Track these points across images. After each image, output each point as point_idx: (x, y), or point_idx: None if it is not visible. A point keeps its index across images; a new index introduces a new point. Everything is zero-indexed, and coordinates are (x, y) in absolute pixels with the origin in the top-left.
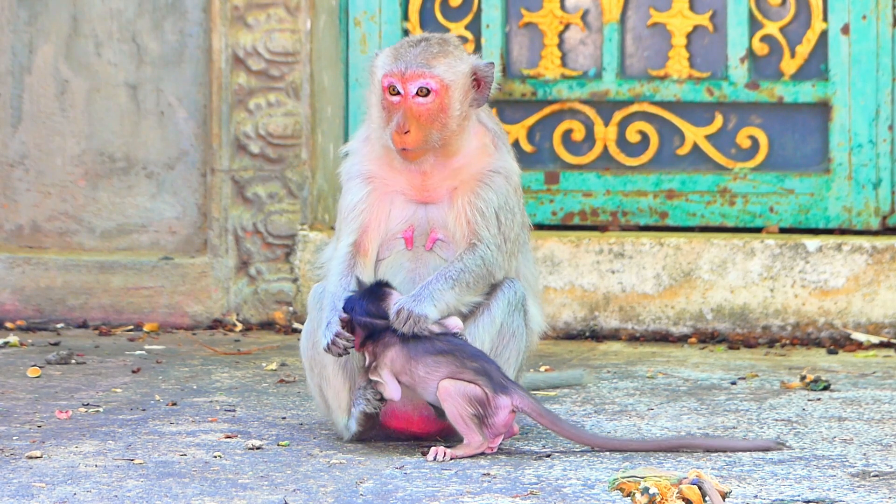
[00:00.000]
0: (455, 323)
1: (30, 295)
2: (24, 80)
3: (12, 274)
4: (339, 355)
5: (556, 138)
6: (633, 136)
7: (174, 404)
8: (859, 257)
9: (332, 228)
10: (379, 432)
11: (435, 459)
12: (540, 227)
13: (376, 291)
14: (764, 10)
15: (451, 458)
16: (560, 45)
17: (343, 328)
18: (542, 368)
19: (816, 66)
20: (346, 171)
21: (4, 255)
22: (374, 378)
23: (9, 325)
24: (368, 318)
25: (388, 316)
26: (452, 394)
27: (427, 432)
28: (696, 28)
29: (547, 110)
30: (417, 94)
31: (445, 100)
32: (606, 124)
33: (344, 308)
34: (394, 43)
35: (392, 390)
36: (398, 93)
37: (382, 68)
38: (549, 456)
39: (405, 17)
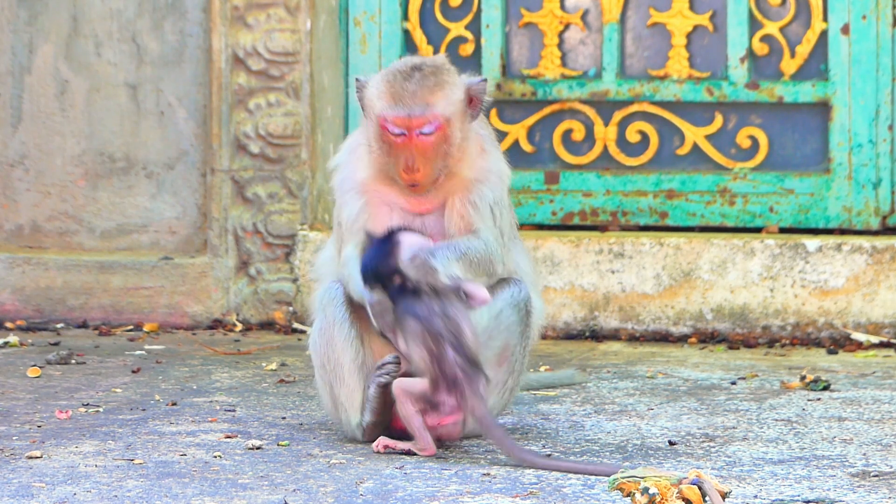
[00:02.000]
0: (481, 294)
1: (30, 295)
2: (24, 80)
3: (12, 274)
4: (381, 318)
5: (556, 138)
6: (633, 136)
7: (174, 404)
8: (859, 257)
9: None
10: (390, 433)
11: (377, 452)
12: (540, 227)
13: (388, 242)
14: (764, 10)
15: (387, 448)
16: (560, 45)
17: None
18: (542, 368)
19: (816, 66)
20: (339, 185)
21: (4, 255)
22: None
23: (9, 325)
24: (379, 268)
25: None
26: (400, 395)
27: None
28: (696, 28)
29: (547, 110)
30: (421, 133)
31: (448, 131)
32: (606, 124)
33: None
34: (394, 43)
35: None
36: (401, 134)
37: (380, 108)
38: (549, 456)
39: (405, 17)
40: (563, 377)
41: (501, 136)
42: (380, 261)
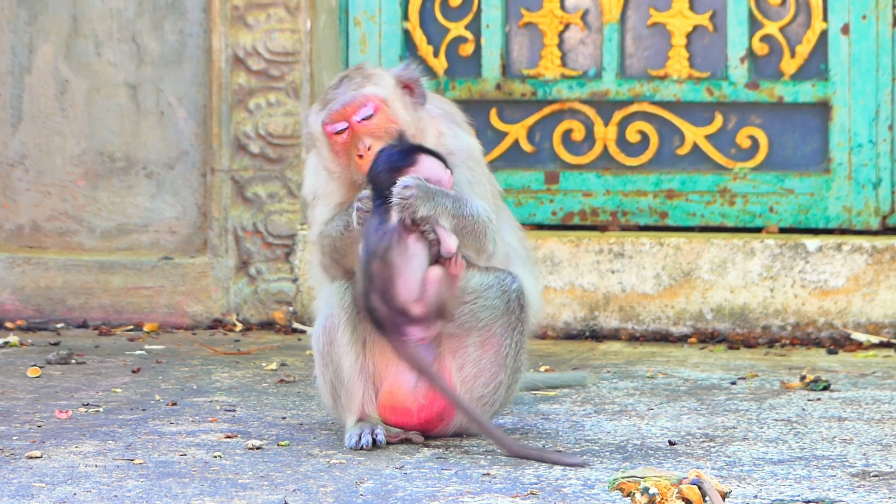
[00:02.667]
0: (449, 242)
1: (30, 295)
2: (24, 80)
3: (12, 274)
4: (361, 221)
5: (556, 138)
6: (632, 136)
7: (174, 404)
8: (859, 257)
9: None
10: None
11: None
12: (540, 226)
13: (407, 156)
14: (764, 10)
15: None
16: (560, 45)
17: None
18: (542, 368)
19: (816, 66)
20: (310, 200)
21: (4, 255)
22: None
23: (9, 325)
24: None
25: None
26: None
27: (429, 426)
28: (696, 28)
29: (547, 110)
30: (363, 120)
31: (389, 112)
32: (606, 124)
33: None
34: (394, 43)
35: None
36: (344, 129)
37: (319, 119)
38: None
39: (405, 17)
40: (573, 378)
41: (501, 136)
42: (388, 166)
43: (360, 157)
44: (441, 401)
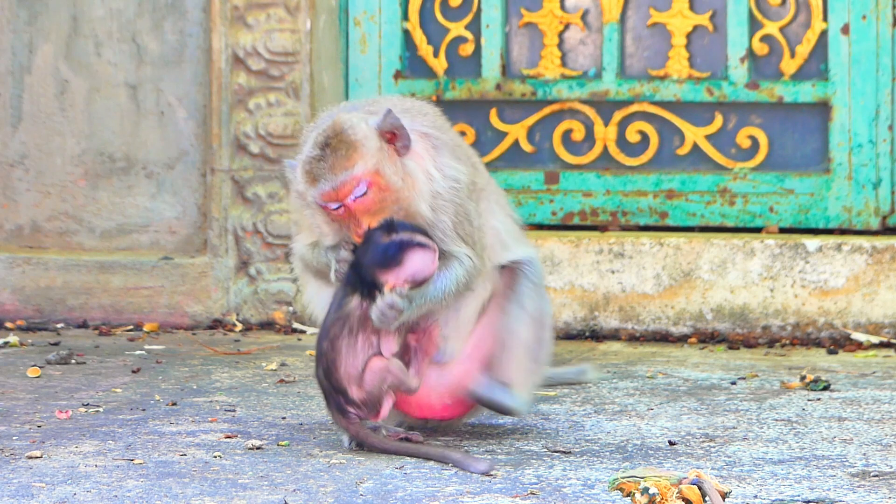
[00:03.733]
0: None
1: (30, 295)
2: (24, 80)
3: (12, 274)
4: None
5: (555, 138)
6: (632, 136)
7: (174, 404)
8: (859, 257)
9: None
10: (399, 420)
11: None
12: (540, 227)
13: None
14: (764, 10)
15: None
16: (560, 45)
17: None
18: None
19: (816, 66)
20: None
21: (4, 255)
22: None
23: (9, 325)
24: (369, 267)
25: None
26: None
27: (449, 417)
28: (696, 28)
29: (547, 110)
30: (357, 198)
31: (381, 181)
32: (606, 124)
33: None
34: (394, 43)
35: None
36: (339, 207)
37: (310, 193)
38: (549, 456)
39: (405, 17)
40: (575, 373)
41: (501, 136)
42: (374, 264)
43: (357, 235)
44: (461, 394)
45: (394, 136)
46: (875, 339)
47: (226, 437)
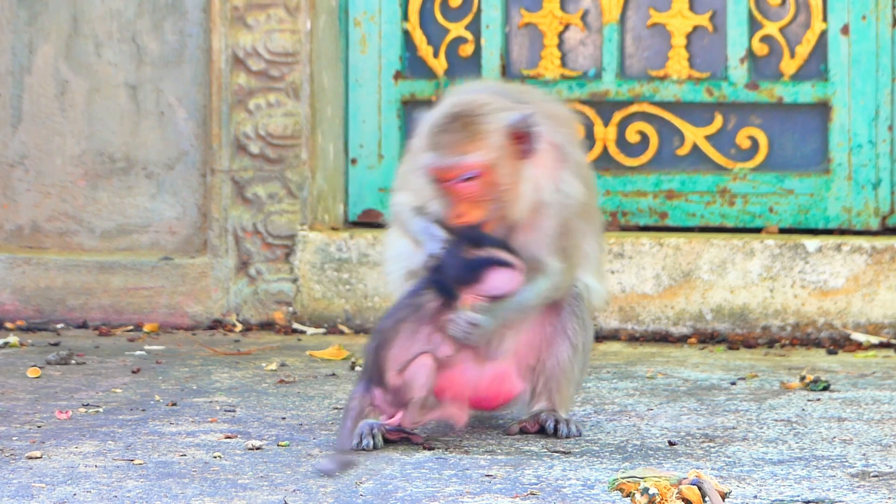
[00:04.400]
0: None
1: (30, 295)
2: (24, 80)
3: (12, 274)
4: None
5: None
6: (632, 136)
7: (174, 404)
8: (859, 257)
9: (333, 229)
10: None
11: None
12: None
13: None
14: (764, 10)
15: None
16: (560, 46)
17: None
18: None
19: (816, 67)
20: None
21: (4, 255)
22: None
23: (9, 325)
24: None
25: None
26: None
27: (487, 408)
28: (695, 28)
29: None
30: (463, 181)
31: (491, 176)
32: (606, 124)
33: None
34: (394, 44)
35: None
36: (444, 181)
37: (423, 157)
38: (549, 456)
39: (405, 17)
40: None
41: None
42: (456, 279)
43: (451, 215)
44: (500, 384)
45: (522, 138)
46: (875, 340)
47: (226, 438)
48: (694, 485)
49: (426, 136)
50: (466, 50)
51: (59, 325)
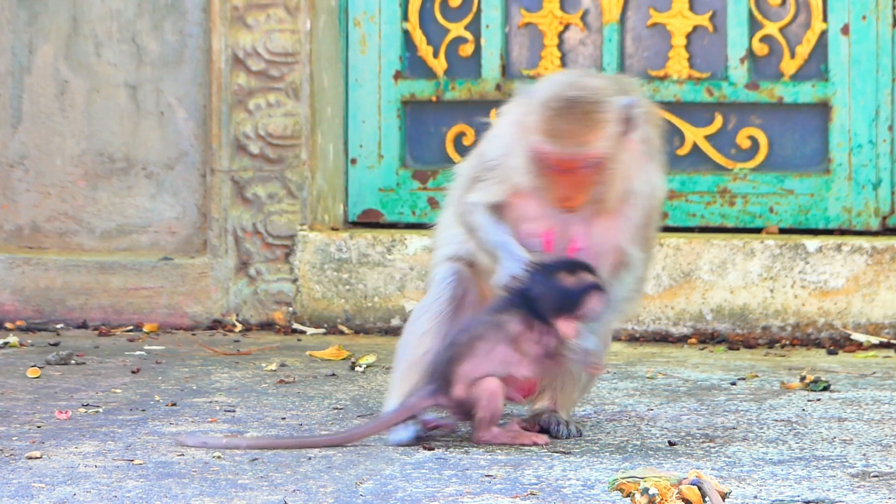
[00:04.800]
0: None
1: (29, 295)
2: (24, 81)
3: (12, 274)
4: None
5: None
6: None
7: (174, 405)
8: (859, 258)
9: (333, 229)
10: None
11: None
12: None
13: (572, 280)
14: (764, 10)
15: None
16: (560, 46)
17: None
18: None
19: (816, 67)
20: (490, 151)
21: (4, 255)
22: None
23: (9, 325)
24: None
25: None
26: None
27: (522, 399)
28: (695, 28)
29: None
30: (577, 168)
31: (605, 164)
32: None
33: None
34: (394, 44)
35: None
36: (558, 169)
37: (536, 140)
38: (549, 456)
39: (405, 17)
40: None
41: None
42: (556, 308)
43: (559, 199)
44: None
45: (628, 123)
46: (875, 340)
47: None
48: (694, 485)
49: (539, 119)
50: (466, 50)
51: (58, 326)
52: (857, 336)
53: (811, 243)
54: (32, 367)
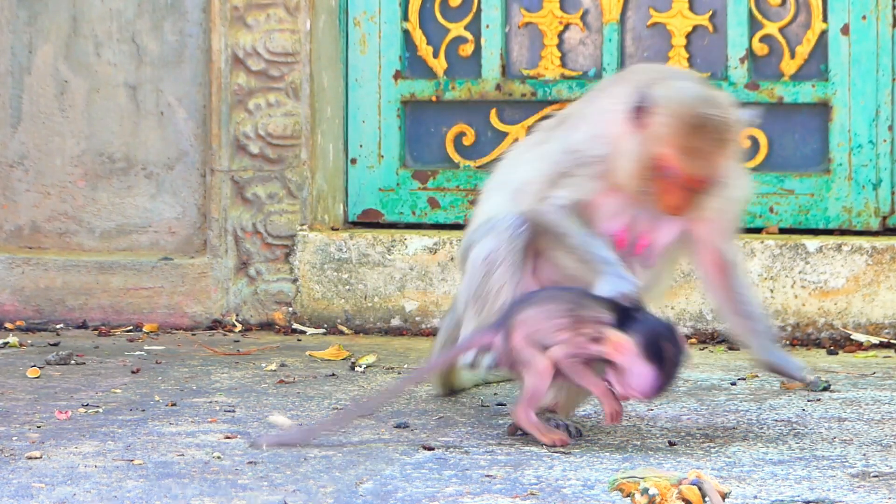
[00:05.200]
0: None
1: (29, 295)
2: (24, 81)
3: (12, 274)
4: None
5: None
6: None
7: (174, 405)
8: (859, 258)
9: (333, 229)
10: None
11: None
12: None
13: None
14: (764, 10)
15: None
16: (560, 46)
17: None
18: None
19: (816, 67)
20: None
21: (4, 255)
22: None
23: (8, 325)
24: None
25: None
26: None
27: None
28: (695, 28)
29: (547, 110)
30: (697, 184)
31: (723, 189)
32: None
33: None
34: (394, 43)
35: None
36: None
37: (662, 148)
38: (549, 456)
39: (405, 17)
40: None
41: (501, 136)
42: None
43: (668, 206)
44: None
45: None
46: (875, 340)
47: (225, 438)
48: (694, 485)
49: (671, 128)
50: (466, 50)
51: (58, 326)
52: (857, 336)
53: (811, 243)
54: (32, 367)
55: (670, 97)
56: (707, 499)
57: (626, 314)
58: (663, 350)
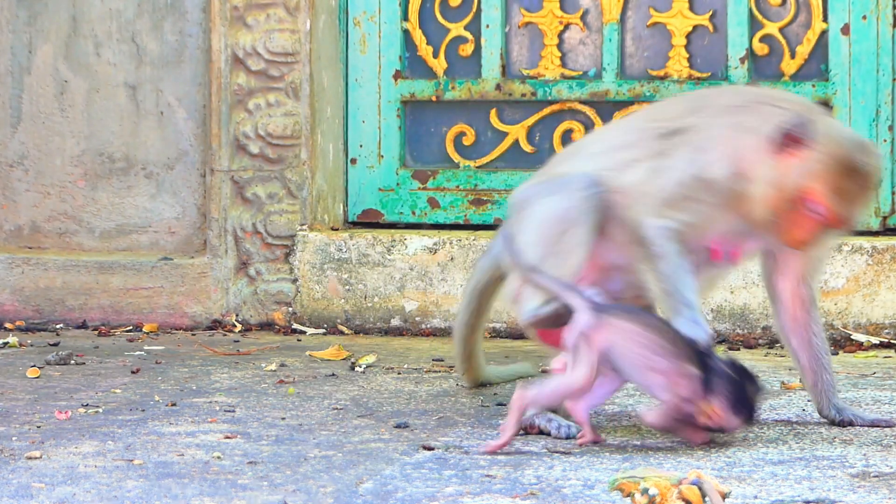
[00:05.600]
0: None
1: (29, 295)
2: (24, 80)
3: (12, 274)
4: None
5: (556, 138)
6: None
7: (174, 405)
8: (859, 258)
9: (333, 229)
10: None
11: None
12: None
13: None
14: (764, 10)
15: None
16: (560, 46)
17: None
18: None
19: (816, 67)
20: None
21: (4, 255)
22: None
23: (8, 325)
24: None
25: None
26: None
27: None
28: (696, 28)
29: (547, 110)
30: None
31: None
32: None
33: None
34: (394, 43)
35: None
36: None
37: (811, 184)
38: (549, 456)
39: (405, 17)
40: (517, 370)
41: (501, 136)
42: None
43: (795, 241)
44: None
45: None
46: (875, 340)
47: (225, 438)
48: (694, 485)
49: (826, 168)
50: (466, 50)
51: (58, 326)
52: (858, 336)
53: None
54: (32, 367)
55: (829, 135)
56: (707, 499)
57: (702, 359)
58: (750, 402)
